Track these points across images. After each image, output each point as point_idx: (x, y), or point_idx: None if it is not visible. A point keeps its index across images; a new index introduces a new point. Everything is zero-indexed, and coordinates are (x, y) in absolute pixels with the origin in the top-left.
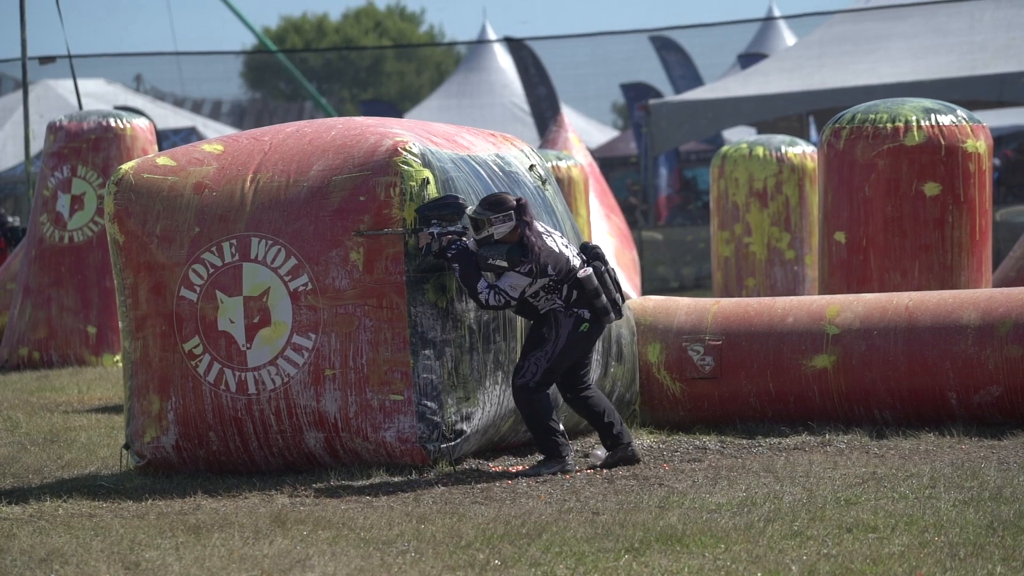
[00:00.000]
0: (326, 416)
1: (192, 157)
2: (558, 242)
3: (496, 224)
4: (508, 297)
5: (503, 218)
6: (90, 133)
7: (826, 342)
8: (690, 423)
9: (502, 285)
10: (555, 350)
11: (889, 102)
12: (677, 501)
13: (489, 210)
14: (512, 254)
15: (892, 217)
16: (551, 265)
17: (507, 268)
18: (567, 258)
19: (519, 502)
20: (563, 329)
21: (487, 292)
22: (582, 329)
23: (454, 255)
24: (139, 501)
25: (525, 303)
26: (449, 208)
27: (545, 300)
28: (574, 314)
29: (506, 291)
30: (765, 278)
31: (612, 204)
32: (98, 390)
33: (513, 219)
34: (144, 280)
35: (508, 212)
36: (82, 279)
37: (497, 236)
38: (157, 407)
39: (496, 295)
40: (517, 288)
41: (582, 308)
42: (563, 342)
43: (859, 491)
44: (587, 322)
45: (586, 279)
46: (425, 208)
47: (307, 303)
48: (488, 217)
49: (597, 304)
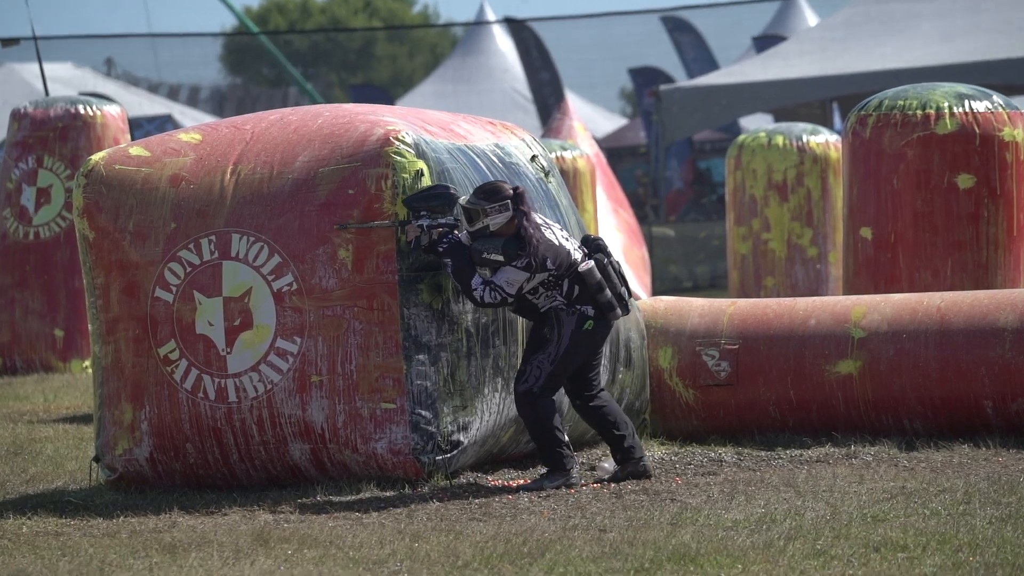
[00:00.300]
0: (312, 426)
1: (168, 147)
2: (557, 234)
3: (491, 215)
4: (505, 294)
5: (499, 208)
6: (57, 121)
7: (851, 346)
8: (704, 433)
9: (498, 281)
10: (558, 351)
11: (919, 87)
12: (690, 518)
13: (484, 199)
14: (508, 247)
15: (922, 212)
16: (550, 259)
17: (503, 262)
18: (568, 251)
19: (520, 519)
20: (565, 328)
21: (482, 289)
22: (586, 327)
23: (446, 249)
24: (110, 518)
25: (524, 301)
26: (439, 199)
27: (545, 297)
28: (577, 311)
29: (502, 287)
30: (785, 277)
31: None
32: (66, 398)
33: (510, 209)
34: (116, 280)
35: (504, 201)
36: (49, 279)
37: (493, 227)
38: (130, 417)
39: (492, 292)
40: (514, 284)
41: (585, 305)
42: (566, 342)
43: (887, 507)
44: (591, 319)
45: (587, 273)
46: (413, 199)
47: (292, 304)
48: (483, 207)
49: (601, 299)
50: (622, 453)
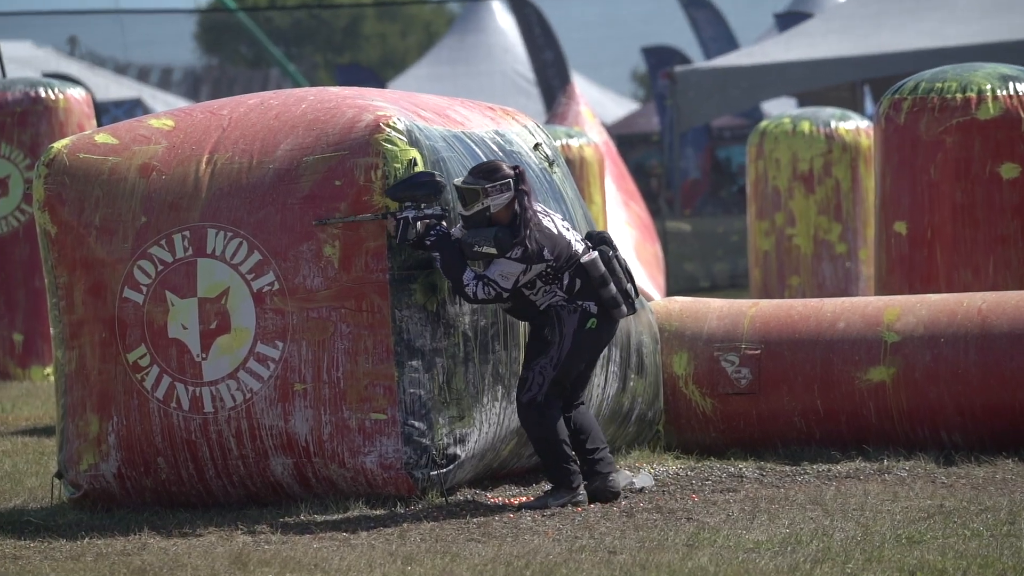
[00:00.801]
0: (296, 438)
1: (137, 134)
2: (558, 223)
3: (492, 195)
4: (500, 288)
5: (500, 188)
6: (15, 105)
7: (884, 351)
8: (723, 446)
9: (491, 274)
10: (561, 354)
11: (959, 68)
12: (708, 538)
13: (483, 178)
14: (501, 238)
15: (962, 204)
16: (548, 247)
17: (496, 255)
18: (568, 241)
19: (522, 539)
20: (567, 328)
21: (475, 284)
22: (589, 326)
23: (433, 242)
24: (74, 540)
25: (521, 298)
26: (424, 187)
27: (544, 292)
28: (579, 308)
29: (496, 281)
30: (811, 276)
31: (631, 189)
32: (25, 408)
33: (512, 188)
34: (80, 279)
35: (506, 180)
36: (6, 277)
37: (494, 209)
38: (96, 429)
39: (485, 286)
40: (509, 277)
41: (587, 301)
42: (568, 343)
43: (924, 527)
44: (594, 317)
45: (591, 264)
46: (396, 188)
47: (273, 306)
48: (482, 186)
49: (605, 295)
50: (588, 466)
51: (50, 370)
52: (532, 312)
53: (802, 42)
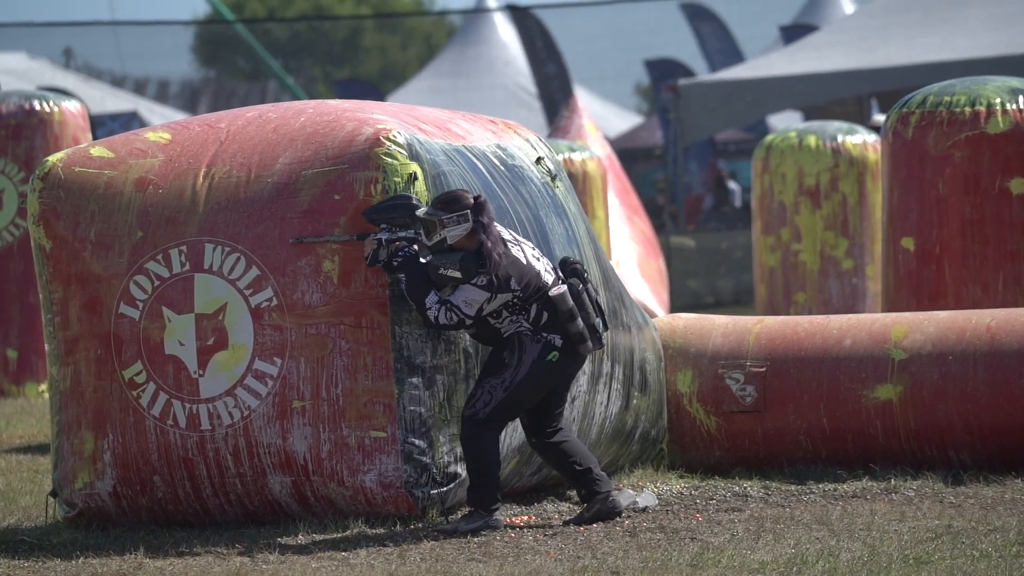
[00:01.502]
0: (294, 456)
1: (134, 148)
2: (527, 252)
3: (449, 226)
4: (462, 315)
5: (457, 219)
6: (9, 118)
7: (891, 369)
8: (728, 465)
9: (455, 300)
10: (514, 379)
11: (967, 81)
12: (712, 559)
13: (441, 209)
14: (467, 263)
15: (971, 219)
16: (515, 278)
17: (461, 280)
18: (536, 272)
19: (524, 559)
20: (527, 355)
21: (437, 308)
22: (550, 358)
23: (400, 264)
24: (68, 559)
25: (486, 325)
26: (400, 210)
27: (509, 322)
28: (543, 339)
29: (459, 307)
30: (818, 293)
31: (635, 204)
32: (19, 426)
33: (469, 220)
34: (75, 294)
35: (463, 212)
36: (0, 293)
37: (451, 240)
38: (91, 446)
39: (448, 312)
40: (473, 304)
41: (553, 333)
42: (525, 370)
43: (931, 548)
44: (557, 351)
45: (559, 298)
46: (373, 211)
47: (271, 322)
48: (439, 217)
49: (571, 329)
50: (587, 490)
51: (44, 387)
52: (497, 339)
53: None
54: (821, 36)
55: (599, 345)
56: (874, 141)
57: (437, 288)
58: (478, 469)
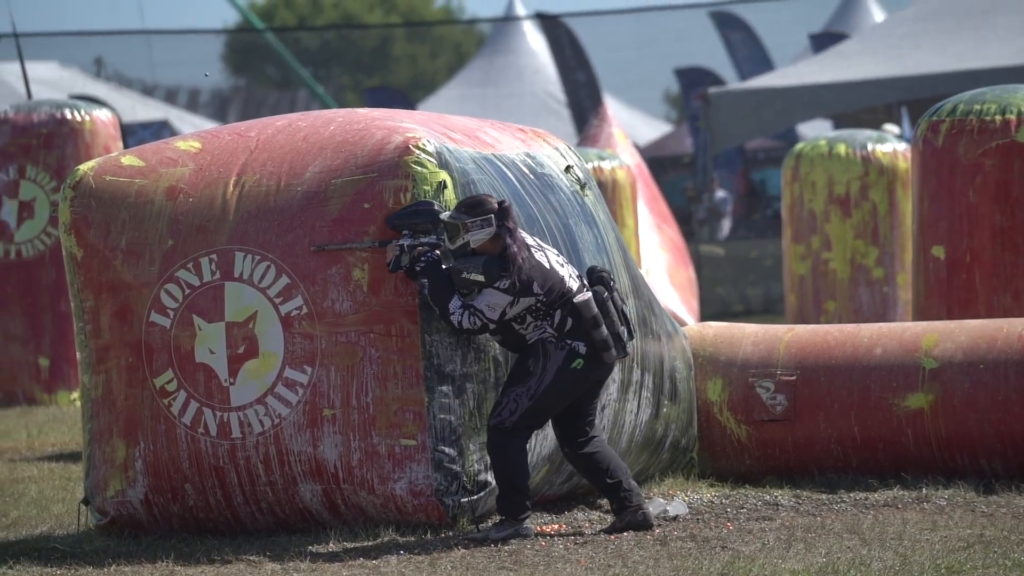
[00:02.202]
0: (324, 464)
1: (164, 156)
2: (551, 258)
3: (472, 230)
4: (485, 319)
5: (480, 223)
6: (41, 127)
7: (922, 378)
8: (759, 474)
9: (478, 304)
10: (539, 387)
11: (998, 90)
12: (743, 568)
13: (465, 213)
14: (490, 267)
15: (1002, 228)
16: (538, 282)
17: (484, 283)
18: (560, 278)
19: (554, 568)
20: (551, 363)
21: (460, 312)
22: (574, 365)
23: (423, 268)
24: (100, 567)
25: (510, 331)
26: (423, 216)
27: (534, 327)
28: (567, 346)
29: (483, 311)
30: (848, 301)
31: (664, 212)
32: (51, 434)
33: (492, 224)
34: (107, 303)
35: (487, 216)
36: (32, 301)
37: (474, 244)
38: (122, 454)
39: (471, 316)
40: (496, 308)
41: (577, 340)
42: (550, 378)
43: (963, 557)
44: (581, 358)
45: (583, 304)
46: (396, 217)
47: (302, 330)
48: (463, 221)
49: (595, 336)
50: (618, 502)
51: (76, 395)
52: (522, 346)
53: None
54: (851, 44)
55: (623, 353)
56: (904, 150)
57: (460, 293)
58: (506, 478)
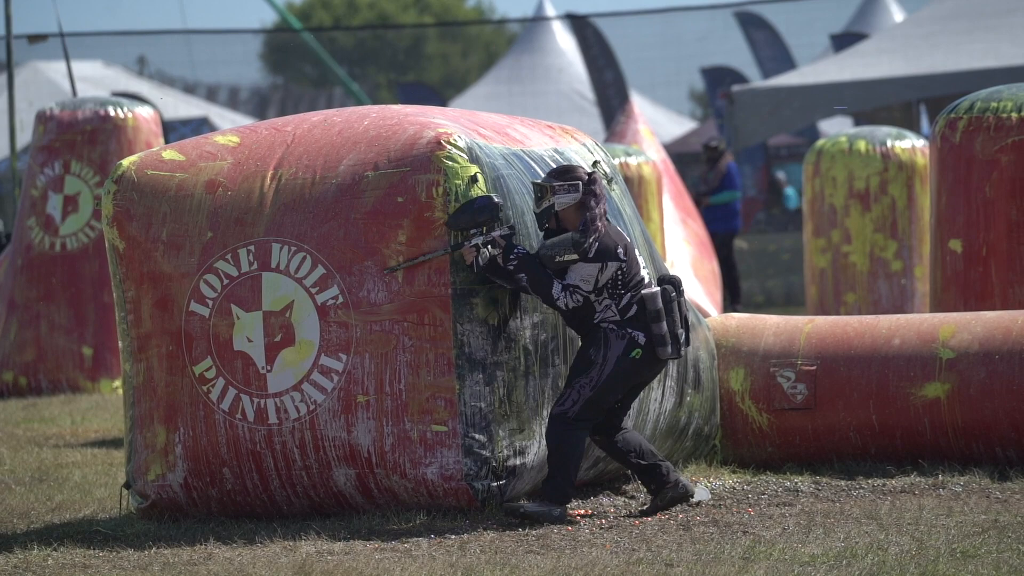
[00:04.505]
0: (358, 450)
1: (204, 151)
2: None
3: (559, 193)
4: (584, 292)
5: (568, 188)
6: (85, 123)
7: (939, 368)
8: (779, 461)
9: (573, 281)
10: (600, 376)
11: (1015, 88)
12: (764, 552)
13: (555, 177)
14: (577, 240)
15: (1017, 222)
16: (621, 246)
17: (577, 259)
18: (637, 259)
19: (580, 551)
20: (612, 352)
21: (564, 295)
22: (633, 355)
23: (517, 264)
24: (141, 549)
25: (578, 308)
26: (485, 211)
27: (604, 304)
28: (627, 335)
29: (579, 286)
30: (867, 293)
31: (689, 207)
32: (94, 421)
33: (580, 190)
34: (148, 293)
35: (575, 182)
36: (76, 292)
37: (558, 207)
38: (163, 440)
39: (573, 294)
40: (589, 280)
41: (637, 330)
42: (611, 367)
43: (978, 542)
44: (640, 348)
45: (650, 297)
46: (458, 219)
47: (337, 319)
48: (551, 184)
49: (656, 330)
50: (656, 481)
51: (118, 383)
52: (587, 326)
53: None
54: (870, 44)
55: (677, 354)
56: (922, 146)
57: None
58: (560, 464)
